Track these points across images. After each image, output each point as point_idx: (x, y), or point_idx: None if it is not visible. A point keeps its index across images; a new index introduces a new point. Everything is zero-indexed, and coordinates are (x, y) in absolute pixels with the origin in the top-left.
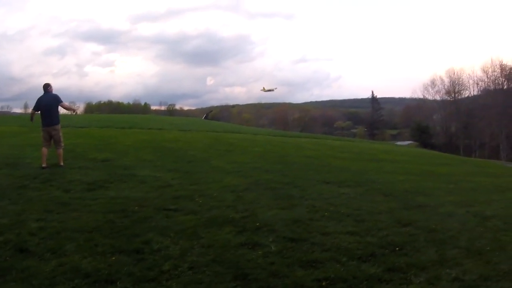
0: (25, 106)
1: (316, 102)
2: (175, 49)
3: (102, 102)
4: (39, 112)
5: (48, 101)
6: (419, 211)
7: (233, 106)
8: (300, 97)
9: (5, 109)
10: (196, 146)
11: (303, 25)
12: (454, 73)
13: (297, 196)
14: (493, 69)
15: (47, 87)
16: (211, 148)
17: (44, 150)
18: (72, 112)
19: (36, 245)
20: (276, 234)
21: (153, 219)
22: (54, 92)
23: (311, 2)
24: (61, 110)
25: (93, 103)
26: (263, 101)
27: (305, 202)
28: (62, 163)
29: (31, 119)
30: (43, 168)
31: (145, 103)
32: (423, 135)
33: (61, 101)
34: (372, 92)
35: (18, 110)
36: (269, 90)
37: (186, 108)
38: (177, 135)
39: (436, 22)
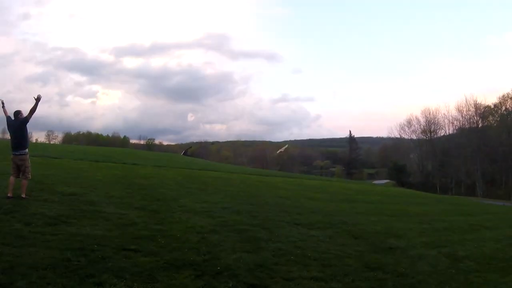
0: (3, 131)
1: (296, 141)
2: (157, 84)
3: (81, 132)
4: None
5: (17, 126)
6: (389, 254)
7: (212, 143)
8: (280, 136)
9: None
10: (168, 184)
11: (284, 65)
12: (429, 113)
13: (264, 239)
14: (467, 108)
15: (17, 114)
16: (183, 186)
17: (12, 179)
18: (37, 101)
19: None
20: (237, 279)
21: (110, 259)
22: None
23: (292, 43)
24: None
25: (72, 133)
26: (242, 139)
27: (271, 245)
28: (24, 195)
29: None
30: (8, 197)
31: (124, 136)
32: (400, 174)
33: (28, 119)
34: (350, 132)
35: None
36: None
37: (165, 143)
38: (151, 171)
39: (412, 63)
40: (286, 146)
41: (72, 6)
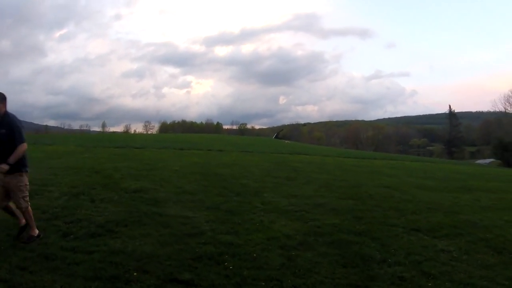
0: (103, 125)
1: (390, 119)
2: (248, 70)
3: (176, 121)
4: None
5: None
6: None
7: (304, 124)
8: (373, 115)
9: (85, 128)
10: (252, 173)
11: (376, 40)
12: None
13: (375, 259)
14: None
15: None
16: (269, 175)
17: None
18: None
19: None
20: None
21: None
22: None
23: (385, 17)
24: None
25: (168, 123)
26: (334, 119)
27: (388, 271)
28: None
29: None
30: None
31: (218, 123)
32: (506, 153)
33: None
34: (450, 107)
35: (96, 128)
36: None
37: (257, 127)
38: (235, 158)
39: None
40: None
41: (161, 3)
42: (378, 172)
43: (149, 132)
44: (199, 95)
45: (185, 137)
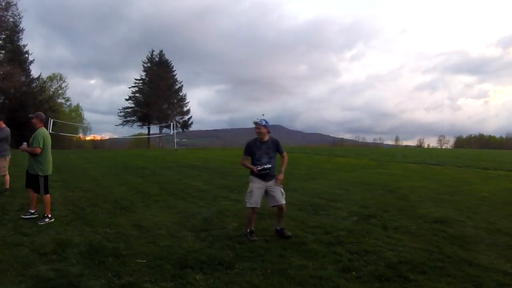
0: (396, 139)
1: None
2: None
3: (472, 135)
4: None
5: None
6: None
7: None
8: None
9: (378, 141)
10: None
11: None
12: None
13: None
14: None
15: None
16: None
17: None
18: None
19: None
20: None
21: None
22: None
23: None
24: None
25: (463, 137)
26: None
27: None
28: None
29: None
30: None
31: None
32: None
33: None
34: None
35: (389, 142)
36: None
37: None
38: None
39: None
40: None
41: (445, 8)
42: None
43: (443, 147)
44: (497, 106)
45: (485, 154)
